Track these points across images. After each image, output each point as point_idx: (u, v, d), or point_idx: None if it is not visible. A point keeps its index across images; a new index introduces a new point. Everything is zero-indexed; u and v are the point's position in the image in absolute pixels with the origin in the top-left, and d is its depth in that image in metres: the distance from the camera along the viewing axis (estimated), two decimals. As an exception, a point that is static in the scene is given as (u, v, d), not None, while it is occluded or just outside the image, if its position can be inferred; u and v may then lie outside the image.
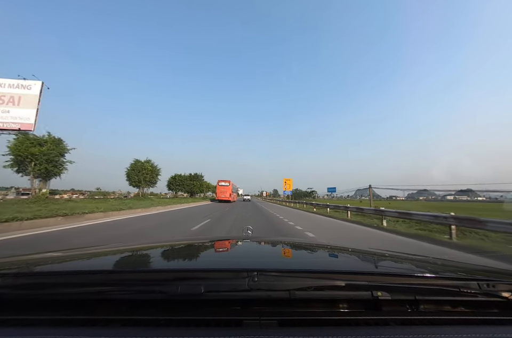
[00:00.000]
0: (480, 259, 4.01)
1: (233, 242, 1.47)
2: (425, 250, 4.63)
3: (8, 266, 0.81)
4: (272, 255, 1.15)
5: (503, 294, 0.63)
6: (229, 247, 1.33)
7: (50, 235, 5.03)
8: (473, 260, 3.89)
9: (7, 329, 0.51)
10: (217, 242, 1.50)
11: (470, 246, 4.91)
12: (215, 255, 1.12)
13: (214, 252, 1.18)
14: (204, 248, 1.28)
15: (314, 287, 0.61)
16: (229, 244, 1.40)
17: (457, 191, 26.66)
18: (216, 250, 1.22)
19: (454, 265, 1.01)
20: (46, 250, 1.20)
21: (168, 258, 1.05)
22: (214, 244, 1.39)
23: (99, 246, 1.44)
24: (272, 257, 1.08)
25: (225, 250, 1.26)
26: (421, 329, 0.53)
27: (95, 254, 1.09)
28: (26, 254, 1.01)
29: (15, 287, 0.62)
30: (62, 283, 0.63)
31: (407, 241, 5.75)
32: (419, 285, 0.65)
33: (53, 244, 4.21)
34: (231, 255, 1.15)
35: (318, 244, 1.64)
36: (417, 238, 5.96)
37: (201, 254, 1.16)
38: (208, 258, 1.04)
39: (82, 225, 6.59)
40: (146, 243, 1.47)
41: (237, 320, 0.54)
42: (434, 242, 5.47)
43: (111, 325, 0.53)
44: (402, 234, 6.57)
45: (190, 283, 0.62)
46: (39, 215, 6.33)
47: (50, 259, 0.97)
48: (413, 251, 4.31)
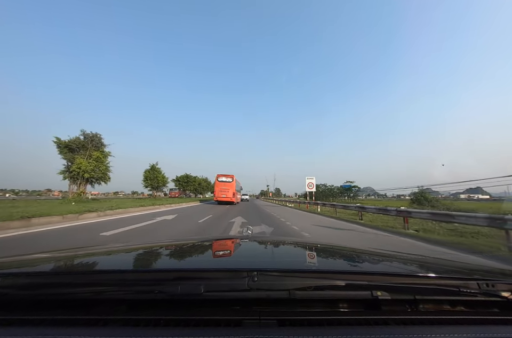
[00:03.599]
0: (480, 259, 4.01)
1: (233, 242, 1.47)
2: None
3: (8, 266, 0.81)
4: (272, 255, 1.15)
5: (502, 294, 0.63)
6: (228, 247, 1.33)
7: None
8: (473, 260, 3.89)
9: (7, 329, 0.51)
10: (217, 242, 1.50)
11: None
12: (215, 255, 1.12)
13: (214, 252, 1.18)
14: (204, 248, 1.28)
15: (314, 286, 0.61)
16: (229, 244, 1.40)
17: (465, 189, 25.62)
18: (216, 250, 1.22)
19: (453, 265, 1.01)
20: (47, 250, 1.20)
21: (168, 258, 1.05)
22: (213, 244, 1.38)
23: (99, 246, 1.44)
24: (272, 257, 1.08)
25: (225, 250, 1.25)
26: (421, 329, 0.53)
27: (95, 254, 1.09)
28: (27, 254, 1.01)
29: (15, 287, 0.62)
30: (62, 283, 0.63)
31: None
32: (419, 285, 0.65)
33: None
34: (231, 254, 1.15)
35: (317, 244, 1.63)
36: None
37: (201, 253, 1.16)
38: (208, 258, 1.04)
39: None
40: (146, 243, 1.47)
41: (237, 320, 0.54)
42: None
43: (111, 325, 0.53)
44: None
45: (189, 283, 0.62)
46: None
47: (50, 259, 0.97)
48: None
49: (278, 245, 1.42)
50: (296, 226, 7.45)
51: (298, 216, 12.15)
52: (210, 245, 1.37)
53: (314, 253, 1.22)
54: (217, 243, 1.41)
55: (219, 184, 22.28)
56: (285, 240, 1.84)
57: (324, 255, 1.17)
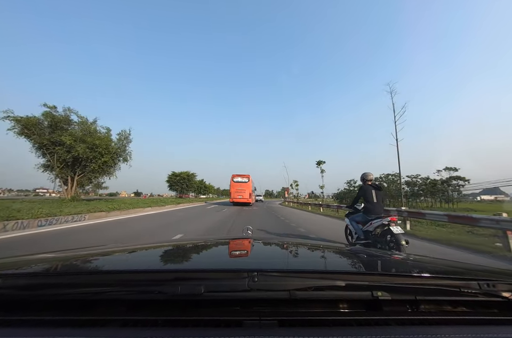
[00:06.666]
0: (480, 259, 4.02)
1: (233, 242, 1.46)
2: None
3: (8, 266, 0.81)
4: (272, 255, 1.15)
5: (503, 294, 0.63)
6: (229, 247, 1.33)
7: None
8: (473, 260, 3.89)
9: (7, 329, 0.51)
10: (217, 242, 1.50)
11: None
12: (215, 255, 1.12)
13: (214, 253, 1.18)
14: (204, 248, 1.28)
15: (314, 287, 0.61)
16: (229, 245, 1.40)
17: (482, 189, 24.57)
18: (216, 251, 1.22)
19: (454, 265, 1.01)
20: (46, 250, 1.20)
21: (168, 258, 1.05)
22: (214, 245, 1.38)
23: (99, 246, 1.44)
24: (272, 257, 1.08)
25: (225, 250, 1.25)
26: (421, 329, 0.53)
27: (95, 254, 1.09)
28: (27, 254, 1.01)
29: (16, 287, 0.62)
30: (62, 283, 0.63)
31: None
32: (419, 285, 0.65)
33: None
34: (231, 255, 1.15)
35: (318, 245, 1.63)
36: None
37: (201, 254, 1.16)
38: (208, 259, 1.04)
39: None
40: (146, 244, 1.47)
41: (237, 320, 0.54)
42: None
43: (110, 325, 0.53)
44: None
45: (190, 284, 0.61)
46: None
47: (50, 259, 0.97)
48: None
49: (278, 245, 1.42)
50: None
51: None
52: (210, 245, 1.37)
53: (315, 253, 1.22)
54: (217, 244, 1.41)
55: (235, 184, 21.19)
56: (285, 241, 1.84)
57: (324, 255, 1.17)
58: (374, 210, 3.93)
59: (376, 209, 3.94)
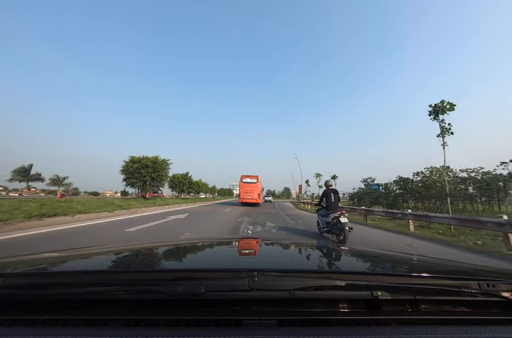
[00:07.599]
0: (480, 259, 4.02)
1: (233, 242, 1.47)
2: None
3: (8, 266, 0.81)
4: (272, 255, 1.15)
5: (503, 294, 0.63)
6: (229, 247, 1.33)
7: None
8: (473, 260, 3.89)
9: (7, 329, 0.51)
10: (217, 242, 1.50)
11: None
12: (215, 255, 1.12)
13: (214, 252, 1.18)
14: (204, 248, 1.28)
15: (314, 287, 0.61)
16: (229, 244, 1.40)
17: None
18: (216, 250, 1.22)
19: (454, 265, 1.01)
20: (47, 250, 1.20)
21: (168, 258, 1.05)
22: (214, 244, 1.39)
23: (100, 246, 1.44)
24: (272, 257, 1.08)
25: (225, 250, 1.26)
26: (421, 329, 0.53)
27: (95, 254, 1.09)
28: (27, 254, 1.01)
29: (16, 287, 0.62)
30: (62, 283, 0.63)
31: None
32: (419, 285, 0.65)
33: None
34: (231, 255, 1.15)
35: (318, 245, 1.64)
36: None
37: (201, 254, 1.16)
38: (208, 258, 1.05)
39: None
40: (146, 243, 1.47)
41: (237, 320, 0.54)
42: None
43: (111, 325, 0.53)
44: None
45: (190, 283, 0.62)
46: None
47: (50, 259, 0.97)
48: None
49: (278, 245, 1.42)
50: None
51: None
52: (210, 245, 1.37)
53: (315, 253, 1.22)
54: (218, 244, 1.42)
55: (244, 185, 21.62)
56: (285, 240, 1.85)
57: (324, 255, 1.17)
58: (332, 207, 5.35)
59: (333, 206, 5.36)
